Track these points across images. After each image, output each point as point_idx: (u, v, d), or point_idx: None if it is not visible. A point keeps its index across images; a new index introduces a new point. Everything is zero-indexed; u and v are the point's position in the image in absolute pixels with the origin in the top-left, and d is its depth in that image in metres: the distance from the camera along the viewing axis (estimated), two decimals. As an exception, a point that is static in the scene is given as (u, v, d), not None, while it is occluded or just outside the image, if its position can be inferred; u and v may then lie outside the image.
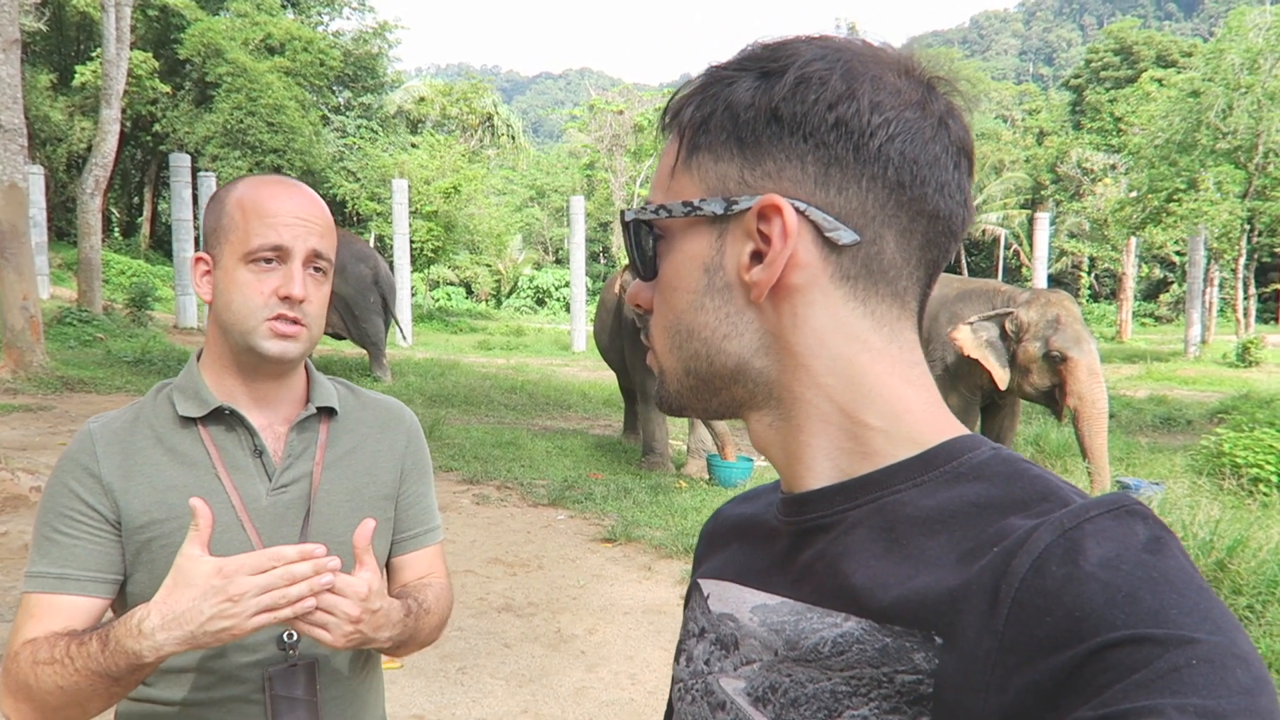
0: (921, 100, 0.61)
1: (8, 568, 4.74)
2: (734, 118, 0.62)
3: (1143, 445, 9.19)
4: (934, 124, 0.61)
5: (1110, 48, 50.11)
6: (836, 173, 0.60)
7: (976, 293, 7.05)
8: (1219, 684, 0.44)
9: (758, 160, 0.61)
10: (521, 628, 4.47)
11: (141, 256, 30.34)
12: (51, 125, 28.06)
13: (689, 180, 0.65)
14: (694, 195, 0.64)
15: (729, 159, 0.62)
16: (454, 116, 38.26)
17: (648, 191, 2.60)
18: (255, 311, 1.24)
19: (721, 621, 0.70)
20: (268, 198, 1.25)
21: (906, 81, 0.61)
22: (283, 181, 1.30)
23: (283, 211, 1.24)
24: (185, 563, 1.05)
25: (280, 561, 1.06)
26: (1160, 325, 40.18)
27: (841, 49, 0.61)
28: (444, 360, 16.44)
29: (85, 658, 1.07)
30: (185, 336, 17.42)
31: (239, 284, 1.24)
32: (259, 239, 1.23)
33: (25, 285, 10.31)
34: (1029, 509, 0.55)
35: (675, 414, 0.71)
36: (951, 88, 0.63)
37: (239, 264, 1.24)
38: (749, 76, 0.62)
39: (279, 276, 1.24)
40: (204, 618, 1.03)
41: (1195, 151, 21.83)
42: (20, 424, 8.44)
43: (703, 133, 0.63)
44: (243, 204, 1.25)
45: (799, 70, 0.60)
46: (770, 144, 0.61)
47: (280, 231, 1.23)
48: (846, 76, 0.60)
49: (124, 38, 15.45)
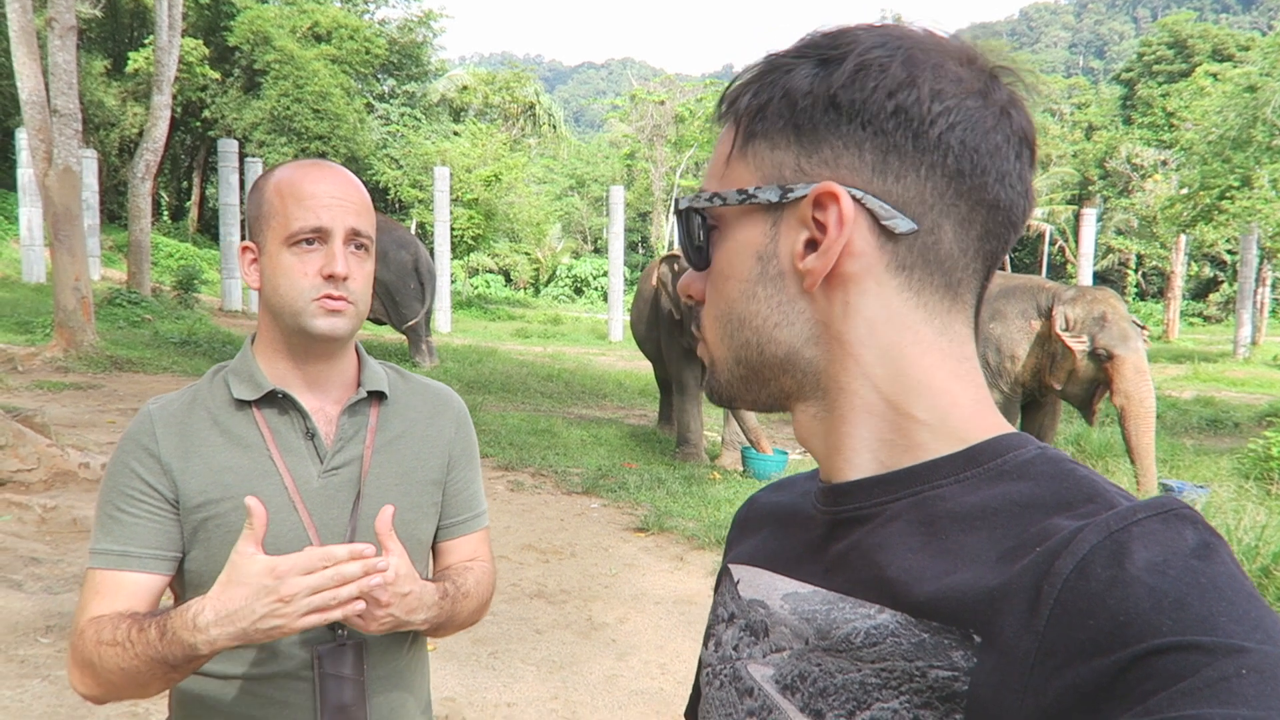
0: (984, 89, 0.60)
1: (58, 541, 4.86)
2: (791, 105, 0.61)
3: (1188, 447, 9.01)
4: (996, 113, 0.60)
5: (1164, 41, 48.97)
6: (895, 160, 0.59)
7: (1020, 289, 6.94)
8: (1269, 695, 0.42)
9: (814, 148, 0.61)
10: (553, 614, 4.50)
11: (189, 240, 30.87)
12: (105, 110, 28.62)
13: (744, 168, 0.64)
14: (749, 183, 0.64)
15: (785, 147, 0.62)
16: (496, 105, 38.42)
17: (688, 182, 2.60)
18: (302, 293, 1.26)
19: (752, 608, 0.69)
20: (304, 180, 1.27)
21: (969, 70, 0.60)
22: (318, 164, 1.32)
23: (320, 193, 1.26)
24: (240, 560, 1.08)
25: (331, 561, 1.08)
26: (1209, 325, 39.29)
27: (903, 37, 0.60)
28: (482, 347, 16.56)
29: (144, 644, 1.11)
30: (230, 319, 17.71)
31: (284, 268, 1.26)
32: (298, 221, 1.25)
33: (78, 267, 10.54)
34: (1074, 510, 0.54)
35: (725, 405, 0.71)
36: (1015, 78, 0.62)
37: (282, 248, 1.26)
38: (807, 64, 0.61)
39: (321, 256, 1.26)
40: (256, 616, 1.06)
41: (1250, 148, 21.23)
42: (71, 401, 8.65)
43: (759, 120, 0.63)
44: (280, 189, 1.27)
45: (859, 58, 0.59)
46: (828, 131, 0.60)
47: (319, 213, 1.25)
48: (907, 64, 0.59)
49: (176, 25, 15.70)
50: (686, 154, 40.29)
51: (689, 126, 39.61)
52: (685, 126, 39.95)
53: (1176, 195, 24.74)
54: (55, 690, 3.32)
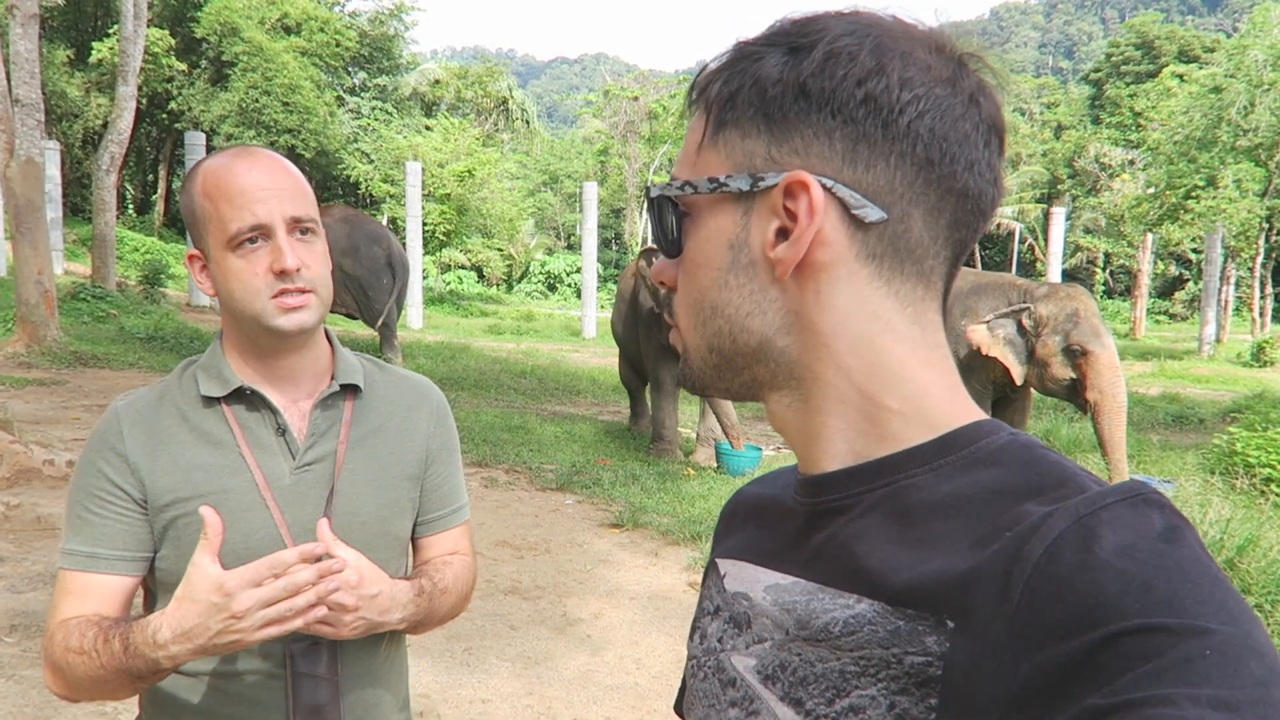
0: (952, 77, 0.60)
1: (22, 539, 4.78)
2: (761, 93, 0.61)
3: (1154, 443, 9.16)
4: (964, 101, 0.60)
5: (1132, 42, 49.67)
6: (864, 149, 0.59)
7: (991, 286, 7.01)
8: (1232, 674, 0.43)
9: (785, 136, 0.61)
10: (528, 610, 4.49)
11: (155, 234, 30.45)
12: (68, 101, 28.15)
13: (715, 156, 0.64)
14: (720, 172, 0.63)
15: (756, 135, 0.62)
16: (469, 100, 38.20)
17: (662, 178, 2.61)
18: (258, 294, 1.21)
19: (735, 600, 0.70)
20: (230, 176, 1.21)
21: (937, 58, 0.60)
22: (241, 154, 1.25)
23: (249, 186, 1.20)
24: (193, 573, 1.07)
25: (281, 568, 1.06)
26: (1175, 323, 39.93)
27: (872, 24, 0.60)
28: (454, 343, 16.47)
29: (109, 655, 1.11)
30: (198, 314, 17.49)
31: (233, 272, 1.21)
32: (235, 223, 1.19)
33: (40, 260, 10.35)
34: (1045, 495, 0.54)
35: (698, 393, 0.71)
36: (982, 64, 0.62)
37: (226, 252, 1.21)
38: (777, 52, 0.61)
39: (268, 253, 1.21)
40: (211, 633, 1.05)
41: (1215, 148, 21.60)
42: (34, 397, 8.51)
43: (729, 109, 0.63)
44: (208, 191, 1.22)
45: (828, 45, 0.59)
46: (798, 120, 0.60)
47: (254, 209, 1.19)
48: (876, 52, 0.59)
49: (141, 15, 15.45)
50: (660, 150, 40.29)
51: (663, 122, 39.62)
52: (659, 122, 39.96)
53: (1143, 195, 25.13)
54: (20, 690, 3.26)
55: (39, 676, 3.33)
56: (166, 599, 1.24)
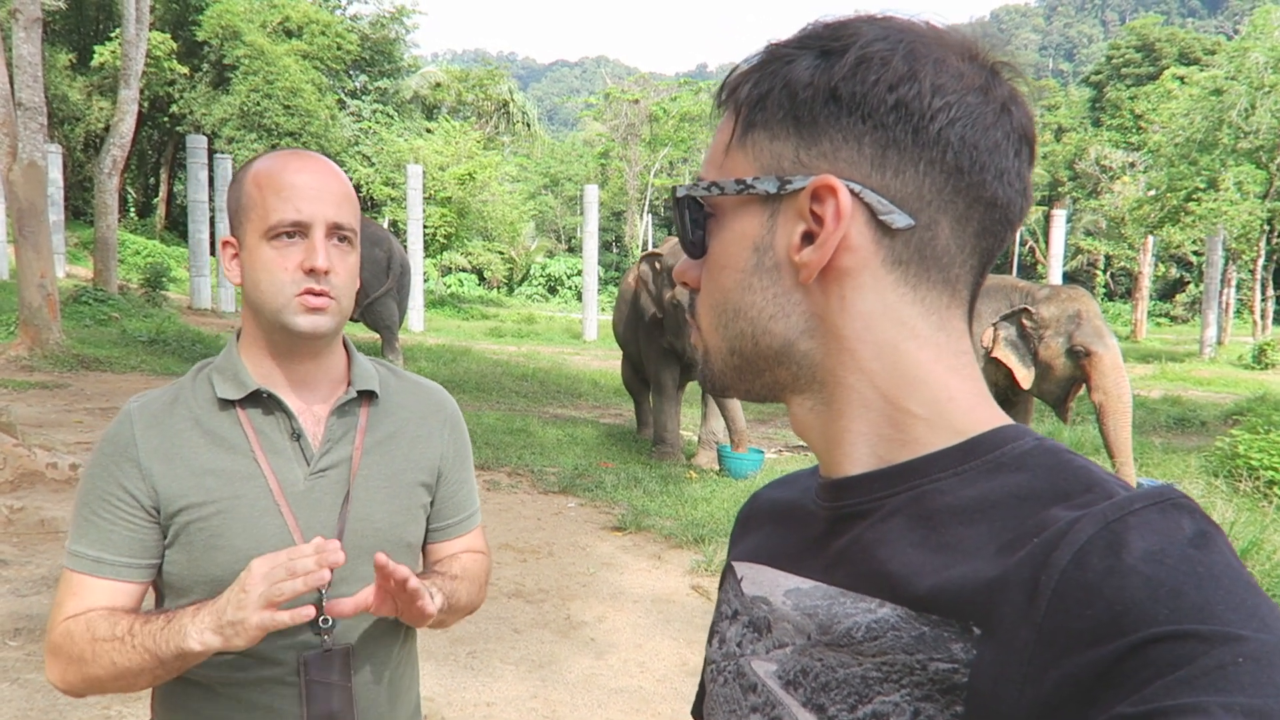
0: (984, 85, 0.60)
1: (25, 543, 4.78)
2: (792, 96, 0.61)
3: (1156, 445, 9.15)
4: (996, 110, 0.60)
5: (1132, 44, 49.70)
6: (894, 155, 0.59)
7: (994, 289, 7.02)
8: (1266, 682, 0.43)
9: (814, 140, 0.60)
10: (531, 614, 4.49)
11: (157, 237, 30.48)
12: (70, 105, 28.20)
13: (743, 158, 0.64)
14: (747, 173, 0.63)
15: (785, 138, 0.62)
16: (469, 103, 38.24)
17: (662, 181, 2.59)
18: (282, 288, 1.22)
19: (755, 604, 0.69)
20: (283, 172, 1.23)
21: (970, 65, 0.60)
22: (298, 155, 1.27)
23: (299, 185, 1.22)
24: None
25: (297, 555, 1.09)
26: (1175, 325, 39.92)
27: (905, 30, 0.60)
28: (456, 346, 16.47)
29: (146, 636, 1.12)
30: (199, 317, 17.50)
31: (263, 262, 1.22)
32: (276, 215, 1.21)
33: (43, 263, 10.36)
34: (1071, 500, 0.54)
35: (719, 394, 0.71)
36: (1016, 74, 0.62)
37: (261, 242, 1.22)
38: (809, 55, 0.61)
39: (301, 250, 1.22)
40: (226, 607, 1.09)
41: (1216, 151, 21.62)
42: (37, 401, 8.51)
43: (759, 110, 0.62)
44: (259, 181, 1.23)
45: (860, 50, 0.59)
46: (827, 124, 0.60)
47: (298, 205, 1.21)
48: (909, 58, 0.59)
49: (143, 18, 15.48)
50: (661, 153, 40.32)
51: (663, 125, 39.66)
52: (659, 125, 40.00)
53: (1144, 197, 25.13)
54: (25, 694, 3.26)
55: (44, 680, 3.33)
56: (174, 600, 1.25)
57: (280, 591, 1.07)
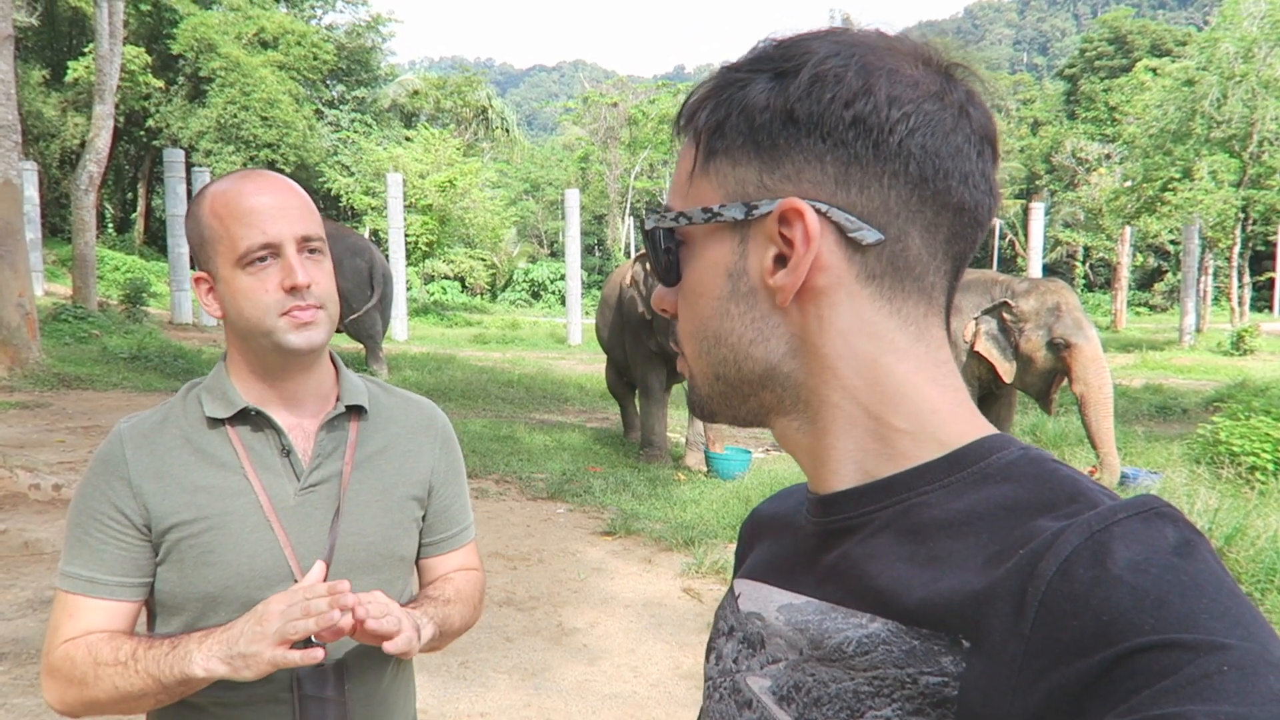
0: (940, 90, 0.60)
1: (9, 565, 4.73)
2: (750, 121, 0.61)
3: (1139, 434, 9.21)
4: (954, 113, 0.60)
5: (1104, 37, 50.13)
6: (857, 171, 0.59)
7: (974, 283, 7.05)
8: (1251, 691, 0.43)
9: (776, 163, 0.60)
10: (523, 622, 4.48)
11: (136, 252, 30.22)
12: (44, 121, 27.95)
13: (708, 185, 0.64)
14: (713, 200, 0.63)
15: (747, 163, 0.62)
16: (448, 110, 38.20)
17: (643, 184, 2.58)
18: (268, 311, 1.23)
19: (749, 620, 0.70)
20: (240, 197, 1.23)
21: (924, 72, 0.60)
22: (249, 176, 1.27)
23: (259, 206, 1.22)
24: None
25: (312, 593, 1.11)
26: (1155, 314, 40.27)
27: (856, 43, 0.60)
28: (440, 354, 16.41)
29: (149, 661, 1.13)
30: (181, 332, 17.37)
31: (243, 290, 1.23)
32: (245, 241, 1.21)
33: (20, 282, 10.26)
34: (1057, 511, 0.54)
35: (709, 419, 0.71)
36: (970, 74, 0.62)
37: (236, 271, 1.23)
38: (763, 78, 0.61)
39: (278, 270, 1.23)
40: (239, 639, 1.10)
41: (1190, 141, 21.82)
42: (18, 421, 8.42)
43: (719, 137, 0.62)
44: (217, 212, 1.23)
45: (813, 69, 0.59)
46: (788, 146, 0.60)
47: (264, 228, 1.22)
48: (862, 72, 0.58)
49: (117, 33, 15.37)
50: (641, 155, 40.35)
51: (642, 128, 39.70)
52: (639, 128, 40.03)
53: (1120, 188, 25.34)
54: (13, 718, 3.23)
55: (32, 705, 3.30)
56: (166, 619, 1.25)
57: (295, 630, 1.08)
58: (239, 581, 1.22)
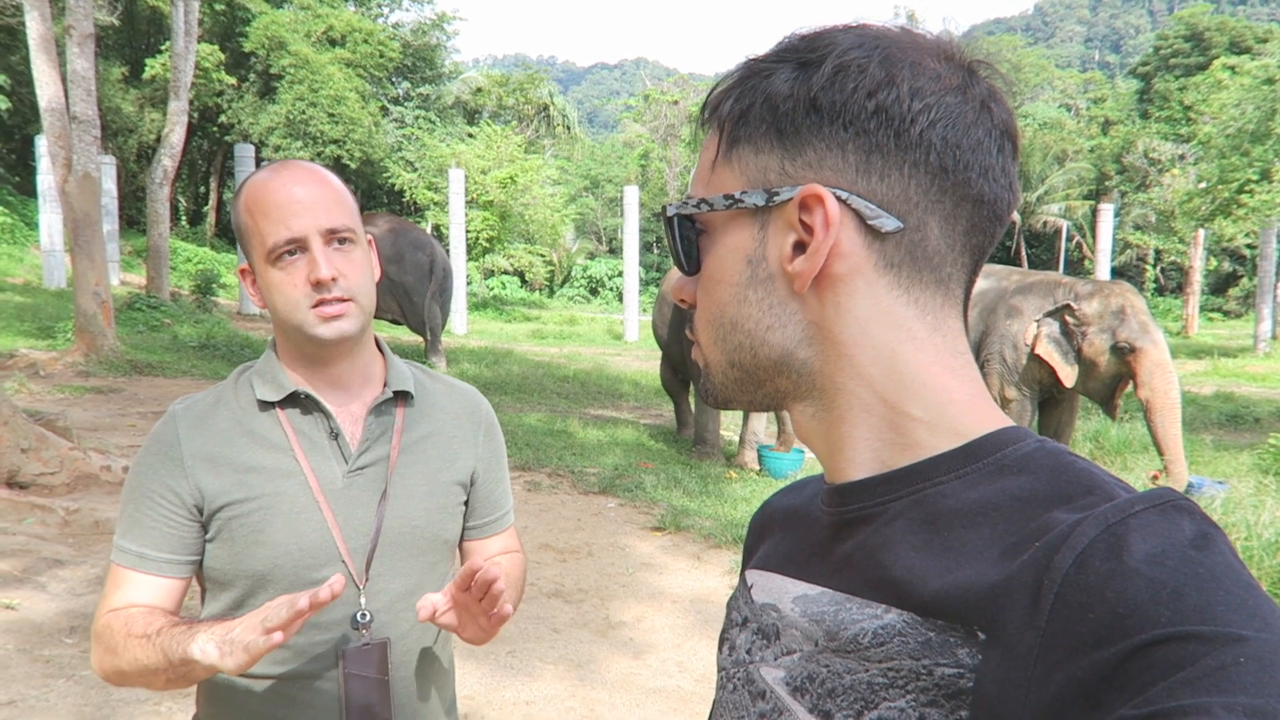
0: (962, 85, 0.60)
1: (81, 544, 4.92)
2: (773, 109, 0.62)
3: (1207, 443, 8.94)
4: (975, 108, 0.60)
5: (1181, 34, 48.50)
6: (878, 160, 0.60)
7: (1037, 285, 6.91)
8: (1268, 682, 0.43)
9: (798, 151, 0.61)
10: (571, 614, 4.52)
11: (207, 244, 31.07)
12: (122, 117, 28.87)
13: (730, 173, 0.65)
14: (735, 188, 0.64)
15: (769, 150, 0.63)
16: (510, 107, 38.52)
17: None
18: (297, 305, 1.26)
19: (764, 611, 0.70)
20: (268, 192, 1.26)
21: (946, 66, 0.61)
22: (281, 169, 1.29)
23: (286, 202, 1.25)
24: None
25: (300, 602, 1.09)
26: (1229, 320, 38.90)
27: (879, 36, 0.61)
28: (498, 348, 16.60)
29: (166, 637, 1.15)
30: (248, 322, 17.84)
31: (274, 284, 1.27)
32: (272, 237, 1.24)
33: (97, 272, 10.63)
34: (1073, 503, 0.54)
35: (721, 407, 0.72)
36: (992, 71, 0.63)
37: (267, 266, 1.26)
38: (787, 67, 0.62)
39: (305, 265, 1.25)
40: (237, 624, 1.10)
41: (1269, 141, 20.98)
42: (92, 405, 8.74)
43: (742, 125, 0.64)
44: (249, 207, 1.27)
45: (837, 59, 0.60)
46: (810, 134, 0.61)
47: (289, 223, 1.24)
48: (885, 63, 0.59)
49: (192, 31, 15.81)
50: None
51: (703, 126, 39.50)
52: (699, 126, 39.86)
53: (1194, 189, 24.49)
54: (80, 690, 3.36)
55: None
56: (216, 594, 1.30)
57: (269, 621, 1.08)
58: (288, 560, 1.26)
